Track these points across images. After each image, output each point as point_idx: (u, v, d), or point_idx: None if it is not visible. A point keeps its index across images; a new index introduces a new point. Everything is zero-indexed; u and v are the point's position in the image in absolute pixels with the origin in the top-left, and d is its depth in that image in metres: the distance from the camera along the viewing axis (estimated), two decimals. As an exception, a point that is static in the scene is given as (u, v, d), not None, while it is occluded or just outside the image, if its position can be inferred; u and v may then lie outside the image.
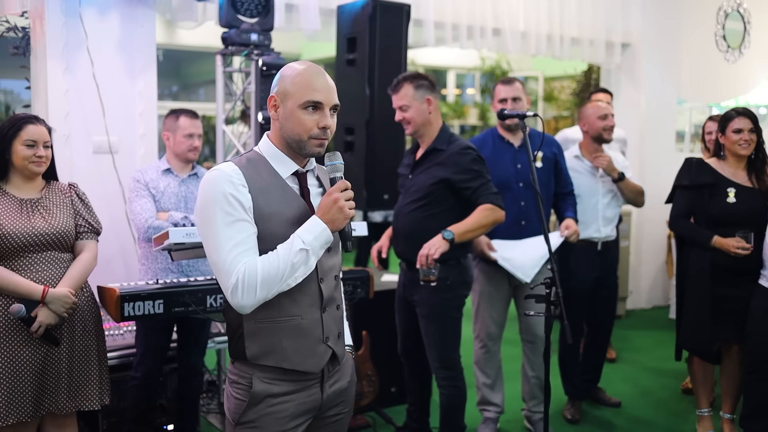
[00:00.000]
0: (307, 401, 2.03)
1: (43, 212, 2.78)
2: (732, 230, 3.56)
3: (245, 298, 1.88)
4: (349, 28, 4.30)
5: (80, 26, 4.00)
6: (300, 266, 1.91)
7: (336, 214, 1.94)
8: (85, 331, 2.86)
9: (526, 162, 3.69)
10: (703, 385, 3.94)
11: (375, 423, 4.09)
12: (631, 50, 6.77)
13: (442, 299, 3.36)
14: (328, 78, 2.01)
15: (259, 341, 1.98)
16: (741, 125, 3.61)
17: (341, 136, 4.40)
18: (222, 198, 1.90)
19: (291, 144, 2.00)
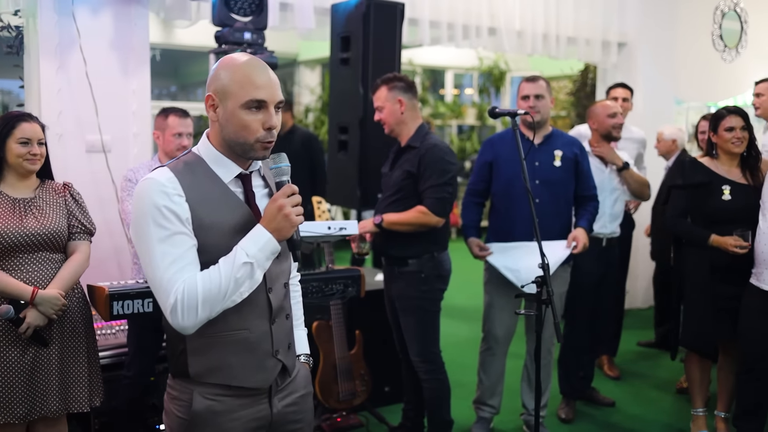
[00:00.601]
0: (256, 417, 1.91)
1: (36, 212, 2.77)
2: (728, 228, 3.55)
3: (186, 318, 1.73)
4: (343, 27, 4.27)
5: (73, 25, 4.00)
6: (245, 281, 1.75)
7: (282, 222, 1.77)
8: (75, 332, 2.84)
9: (544, 160, 3.72)
10: (699, 385, 3.93)
11: (368, 422, 4.08)
12: (628, 49, 6.76)
13: (418, 292, 3.46)
14: (271, 72, 1.84)
15: (203, 358, 1.83)
16: (733, 123, 3.61)
17: (335, 135, 4.39)
18: (155, 210, 1.73)
19: (234, 147, 1.83)
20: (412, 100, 3.53)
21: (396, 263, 3.51)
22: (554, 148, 3.77)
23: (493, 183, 3.81)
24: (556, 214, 3.76)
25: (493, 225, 3.88)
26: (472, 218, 3.89)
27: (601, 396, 4.55)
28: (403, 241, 3.44)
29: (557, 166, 3.75)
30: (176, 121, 3.51)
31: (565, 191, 3.79)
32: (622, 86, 5.07)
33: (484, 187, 3.85)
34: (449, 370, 4.72)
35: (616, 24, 6.64)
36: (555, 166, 3.75)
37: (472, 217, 3.89)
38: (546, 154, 3.75)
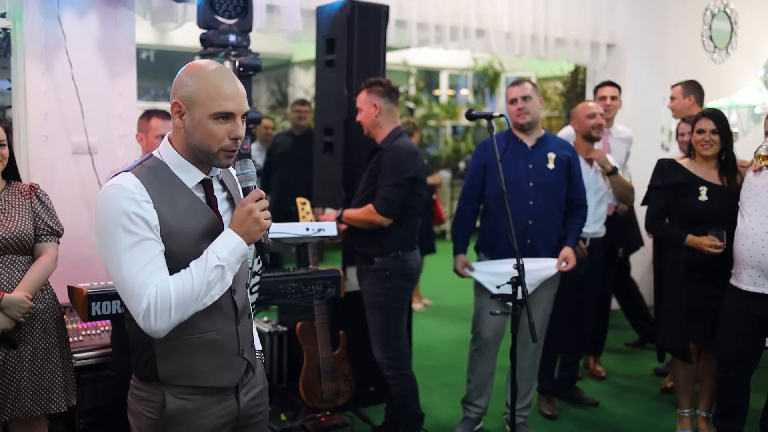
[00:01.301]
0: (224, 413, 1.96)
1: (1, 216, 2.79)
2: (705, 228, 3.58)
3: (158, 322, 1.75)
4: (328, 29, 4.30)
5: (59, 27, 4.02)
6: (216, 283, 1.79)
7: (251, 226, 1.82)
8: (46, 334, 2.86)
9: (538, 162, 3.74)
10: (685, 386, 3.96)
11: (353, 422, 4.10)
12: (617, 51, 6.79)
13: (382, 289, 3.56)
14: (238, 82, 1.88)
15: (172, 361, 1.87)
16: (703, 126, 3.66)
17: (320, 137, 4.42)
18: (123, 217, 1.75)
19: (198, 154, 1.86)
20: (389, 105, 3.66)
21: (364, 260, 3.64)
22: (547, 150, 3.79)
23: (487, 186, 3.81)
24: (549, 216, 3.78)
25: (485, 227, 3.87)
26: (464, 230, 3.88)
27: (585, 396, 4.58)
28: (369, 239, 3.56)
29: (551, 169, 3.76)
30: (159, 123, 3.53)
31: (558, 194, 3.81)
32: (610, 84, 5.07)
33: (479, 191, 3.84)
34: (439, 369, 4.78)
35: (605, 25, 6.66)
36: (548, 169, 3.76)
37: (464, 228, 3.88)
38: (539, 156, 3.77)
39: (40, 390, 2.83)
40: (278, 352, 4.35)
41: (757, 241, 3.37)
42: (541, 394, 4.37)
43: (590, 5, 6.52)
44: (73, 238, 4.05)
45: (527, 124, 3.74)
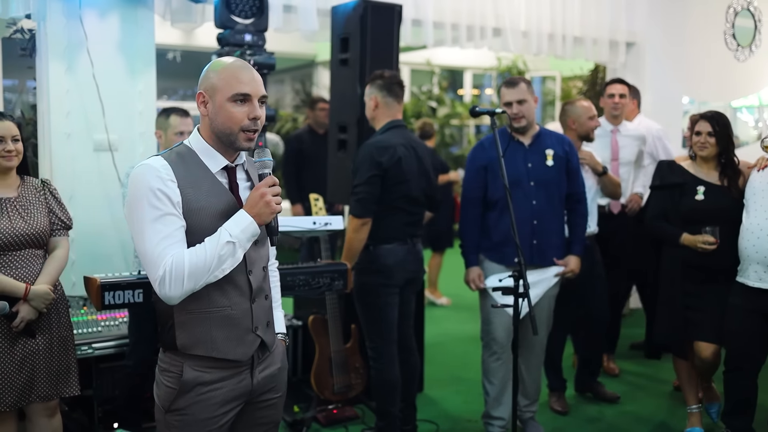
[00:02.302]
0: (237, 387, 2.10)
1: (22, 212, 2.91)
2: (702, 227, 3.61)
3: (172, 289, 1.92)
4: (342, 29, 4.37)
5: (81, 28, 4.14)
6: (227, 258, 1.96)
7: (263, 209, 1.99)
8: (61, 323, 3.00)
9: (537, 161, 3.67)
10: (688, 382, 3.98)
11: (364, 415, 4.17)
12: (636, 49, 6.77)
13: (357, 283, 3.66)
14: (254, 71, 2.06)
15: (189, 331, 2.03)
16: (700, 128, 3.70)
17: (335, 135, 4.49)
18: (150, 192, 1.94)
19: (222, 138, 2.04)
20: (387, 98, 3.66)
21: None
22: (545, 147, 3.72)
23: (489, 188, 3.69)
24: (554, 214, 3.71)
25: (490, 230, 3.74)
26: (473, 240, 3.74)
27: (607, 391, 4.57)
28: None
29: (550, 166, 3.69)
30: (177, 121, 3.63)
31: (559, 191, 3.74)
32: (619, 82, 5.04)
33: (481, 194, 3.72)
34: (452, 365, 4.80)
35: (624, 23, 6.63)
36: (548, 166, 3.69)
37: (472, 238, 3.74)
38: (537, 154, 3.70)
39: (56, 376, 2.96)
40: (293, 345, 4.44)
41: (762, 237, 3.38)
42: (551, 390, 4.40)
43: (609, 3, 6.49)
44: (94, 233, 4.19)
45: (522, 128, 3.66)
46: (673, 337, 3.82)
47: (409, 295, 3.80)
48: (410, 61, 11.28)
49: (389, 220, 3.60)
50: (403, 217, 3.65)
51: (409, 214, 3.68)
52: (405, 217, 3.66)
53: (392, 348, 3.67)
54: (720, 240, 3.57)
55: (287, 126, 10.39)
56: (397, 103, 3.70)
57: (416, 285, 3.85)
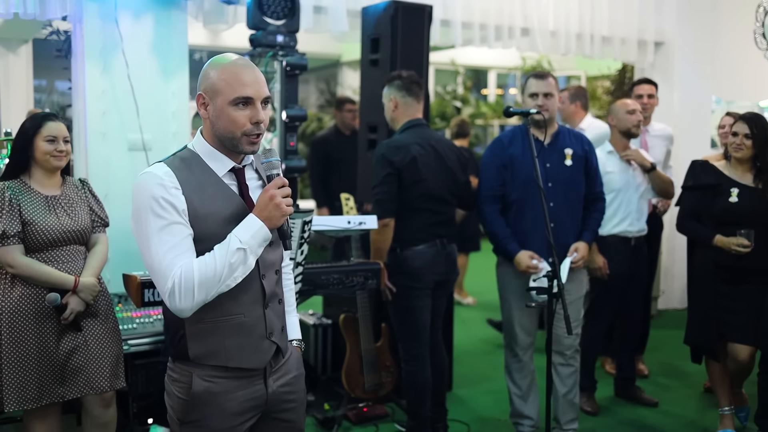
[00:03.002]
0: (252, 397, 2.02)
1: (67, 209, 2.99)
2: (735, 229, 3.60)
3: (183, 301, 1.84)
4: (373, 29, 4.40)
5: (116, 29, 4.20)
6: (238, 266, 1.87)
7: (273, 212, 1.90)
8: (107, 316, 3.08)
9: (555, 161, 3.60)
10: (720, 384, 3.95)
11: (393, 413, 4.20)
12: (665, 49, 6.73)
13: None
14: (257, 70, 1.97)
15: (202, 342, 1.95)
16: (737, 129, 3.68)
17: (365, 135, 4.52)
18: (153, 202, 1.85)
19: (224, 142, 1.95)
20: (406, 98, 3.67)
21: None
22: (564, 146, 3.63)
23: (507, 186, 3.62)
24: (571, 216, 3.64)
25: None
26: (505, 228, 3.61)
27: (645, 396, 4.54)
28: None
29: (568, 166, 3.61)
30: None
31: (577, 191, 3.67)
32: (647, 82, 5.00)
33: (500, 193, 3.64)
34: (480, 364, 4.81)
35: (653, 23, 6.61)
36: (566, 166, 3.61)
37: (503, 227, 3.62)
38: (556, 153, 3.62)
39: (109, 368, 3.04)
40: (322, 343, 4.47)
41: (799, 239, 3.36)
42: (581, 390, 4.39)
43: (637, 3, 6.48)
44: (127, 231, 4.21)
45: (543, 122, 3.54)
46: (705, 338, 3.80)
47: (441, 296, 3.79)
48: (435, 60, 11.28)
49: (413, 221, 3.60)
50: (429, 217, 3.63)
51: (435, 213, 3.65)
52: (430, 217, 3.63)
53: (424, 350, 3.66)
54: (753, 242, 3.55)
55: (312, 126, 10.44)
56: (417, 102, 3.70)
57: (448, 287, 3.84)
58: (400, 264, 3.62)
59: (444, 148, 3.74)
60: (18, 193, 2.89)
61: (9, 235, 2.82)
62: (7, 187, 2.88)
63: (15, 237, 2.84)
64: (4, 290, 2.89)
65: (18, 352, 2.85)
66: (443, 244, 3.67)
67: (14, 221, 2.84)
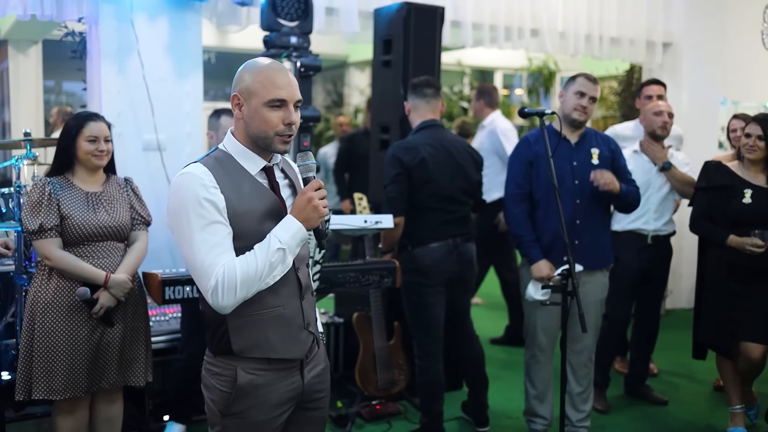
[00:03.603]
0: (290, 389, 2.10)
1: (107, 206, 3.05)
2: (749, 230, 3.63)
3: (225, 299, 1.91)
4: (385, 31, 4.44)
5: (132, 31, 4.26)
6: (278, 265, 1.95)
7: (311, 213, 1.98)
8: (137, 314, 3.12)
9: (582, 160, 3.62)
10: (732, 382, 3.98)
11: (406, 411, 4.24)
12: (673, 50, 6.77)
13: (402, 282, 3.83)
14: (290, 74, 2.04)
15: (245, 336, 2.02)
16: (750, 130, 3.71)
17: (377, 135, 4.57)
18: (195, 202, 1.92)
19: (257, 141, 2.03)
20: (415, 100, 3.83)
21: None
22: (591, 146, 3.67)
23: (533, 184, 3.64)
24: (597, 214, 3.67)
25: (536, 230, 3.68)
26: (530, 231, 3.62)
27: (656, 394, 4.57)
28: None
29: (595, 165, 3.63)
30: (228, 121, 3.73)
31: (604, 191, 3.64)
32: (656, 83, 4.97)
33: (528, 191, 3.65)
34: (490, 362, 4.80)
35: (661, 24, 6.64)
36: (593, 165, 3.63)
37: (529, 230, 3.62)
38: (583, 153, 3.65)
39: (126, 365, 3.09)
40: (335, 342, 4.52)
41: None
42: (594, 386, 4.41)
43: (646, 4, 6.51)
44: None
45: (579, 123, 3.60)
46: (718, 337, 3.83)
47: (459, 294, 3.84)
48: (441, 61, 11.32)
49: (425, 220, 3.69)
50: (440, 216, 3.71)
51: (447, 212, 3.72)
52: (442, 215, 3.71)
53: (437, 347, 3.73)
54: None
55: (319, 126, 10.47)
56: (426, 103, 3.81)
57: (464, 284, 3.87)
58: (411, 261, 3.72)
59: (457, 147, 3.81)
60: (59, 189, 2.97)
61: (46, 228, 2.90)
62: (49, 183, 2.97)
63: (52, 230, 2.91)
64: (41, 281, 2.97)
65: (49, 342, 2.92)
66: (456, 243, 3.73)
67: (52, 215, 2.91)
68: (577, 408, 3.77)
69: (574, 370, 3.74)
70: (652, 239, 4.35)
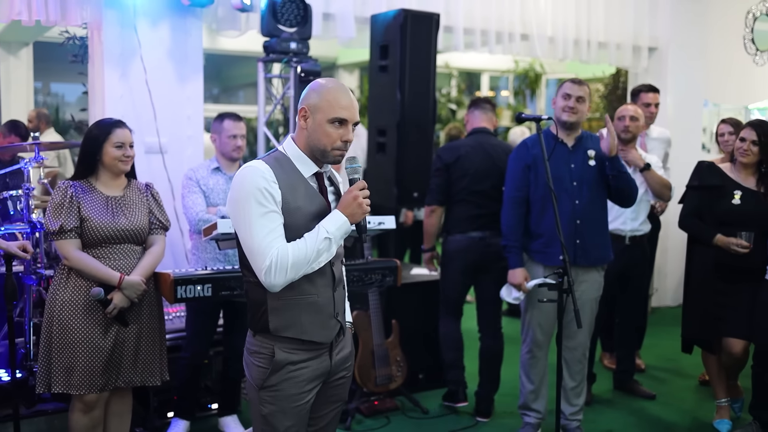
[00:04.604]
0: (319, 367, 2.33)
1: (126, 210, 3.14)
2: (736, 230, 3.78)
3: (277, 277, 2.16)
4: (382, 36, 4.55)
5: (134, 36, 4.34)
6: (324, 252, 2.20)
7: (355, 209, 2.24)
8: (152, 315, 3.21)
9: (580, 161, 3.73)
10: (718, 376, 4.14)
11: (403, 406, 4.35)
12: (658, 54, 6.94)
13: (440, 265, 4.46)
14: (353, 96, 2.29)
15: (281, 316, 2.27)
16: (745, 135, 3.85)
17: (374, 138, 4.68)
18: (257, 191, 2.17)
19: (314, 151, 2.28)
20: (474, 112, 4.40)
21: None
22: (587, 148, 3.77)
23: (531, 187, 3.76)
24: (597, 214, 3.78)
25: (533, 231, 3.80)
26: (518, 238, 3.77)
27: (643, 389, 4.71)
28: None
29: (592, 166, 3.74)
30: (231, 125, 3.82)
31: (599, 192, 3.78)
32: (653, 90, 5.04)
33: (526, 194, 3.77)
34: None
35: (647, 29, 6.81)
36: (590, 166, 3.74)
37: (517, 236, 3.77)
38: (580, 155, 3.75)
39: (142, 364, 3.18)
40: (333, 340, 4.62)
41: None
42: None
43: (632, 9, 6.68)
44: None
45: (570, 124, 3.69)
46: (703, 332, 3.99)
47: (485, 282, 4.24)
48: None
49: (457, 211, 4.24)
50: (470, 210, 4.18)
51: (478, 206, 4.17)
52: (472, 209, 4.18)
53: (448, 314, 4.36)
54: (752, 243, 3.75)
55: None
56: (483, 113, 4.38)
57: (490, 274, 4.17)
58: (444, 244, 4.34)
59: (497, 150, 4.24)
60: (80, 192, 3.07)
61: (66, 230, 3.01)
62: (71, 186, 3.07)
63: (72, 231, 3.01)
64: (60, 281, 3.07)
65: (67, 339, 3.01)
66: (484, 236, 4.19)
67: (72, 217, 3.01)
68: (570, 402, 3.90)
69: (568, 366, 3.87)
70: (630, 239, 4.47)
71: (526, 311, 3.88)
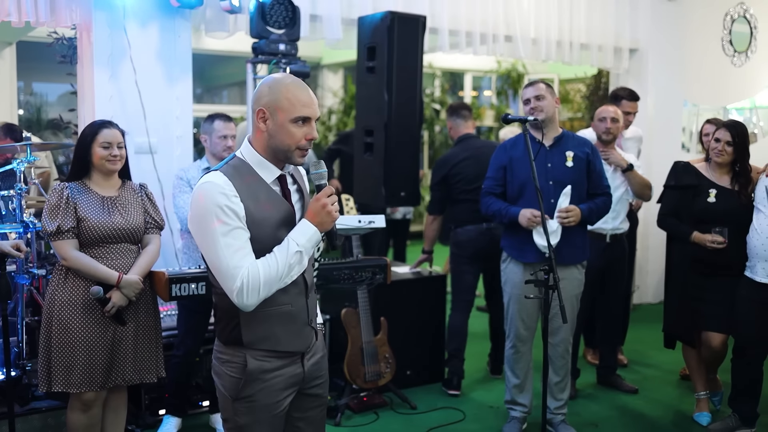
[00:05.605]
0: (293, 375, 2.26)
1: (121, 210, 3.19)
2: (711, 227, 3.90)
3: (250, 298, 2.07)
4: (369, 38, 4.61)
5: (124, 37, 4.37)
6: (295, 266, 2.12)
7: (325, 218, 2.15)
8: (148, 313, 3.26)
9: (557, 162, 3.82)
10: (697, 370, 4.25)
11: (392, 402, 4.43)
12: (639, 55, 7.06)
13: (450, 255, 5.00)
14: (311, 92, 2.19)
15: (254, 329, 2.18)
16: (720, 136, 3.95)
17: (361, 138, 4.74)
18: (218, 209, 2.06)
19: (277, 153, 2.17)
20: (456, 121, 4.98)
21: None
22: (565, 149, 3.85)
23: (507, 185, 3.89)
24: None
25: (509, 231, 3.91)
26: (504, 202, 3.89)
27: (626, 383, 4.82)
28: None
29: (569, 167, 3.82)
30: (221, 125, 3.88)
31: (578, 191, 3.83)
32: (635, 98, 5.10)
33: (501, 191, 3.92)
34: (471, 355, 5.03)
35: (628, 31, 6.93)
36: (567, 167, 3.82)
37: (503, 202, 3.89)
38: (558, 155, 3.83)
39: (140, 362, 3.23)
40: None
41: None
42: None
43: (613, 11, 6.79)
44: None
45: (541, 121, 3.75)
46: (682, 327, 4.11)
47: (493, 269, 4.38)
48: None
49: (462, 207, 4.77)
50: (472, 205, 4.58)
51: (476, 202, 4.36)
52: (473, 205, 4.51)
53: (460, 302, 4.80)
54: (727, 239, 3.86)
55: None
56: (465, 121, 4.96)
57: (497, 261, 4.15)
58: (453, 238, 4.82)
59: (484, 151, 4.62)
60: (76, 193, 3.12)
61: (63, 230, 3.04)
62: (66, 187, 3.11)
63: (69, 232, 3.05)
64: (58, 281, 3.11)
65: (66, 338, 3.05)
66: (489, 227, 4.66)
67: (69, 218, 3.05)
68: (555, 396, 4.00)
69: (552, 361, 3.94)
70: (610, 238, 4.57)
71: (508, 307, 3.97)
